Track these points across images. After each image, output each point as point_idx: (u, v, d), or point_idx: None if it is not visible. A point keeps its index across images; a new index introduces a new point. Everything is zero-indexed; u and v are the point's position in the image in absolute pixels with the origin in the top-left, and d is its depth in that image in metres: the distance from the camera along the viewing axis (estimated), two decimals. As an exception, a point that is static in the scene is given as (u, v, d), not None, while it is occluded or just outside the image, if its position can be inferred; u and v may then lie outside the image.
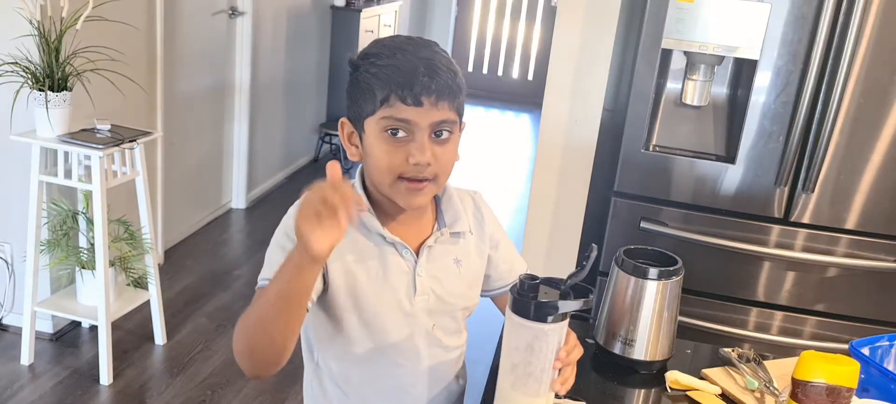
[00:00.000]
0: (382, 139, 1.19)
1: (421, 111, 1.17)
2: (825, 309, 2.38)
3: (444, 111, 1.18)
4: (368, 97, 1.19)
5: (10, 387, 2.76)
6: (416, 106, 1.16)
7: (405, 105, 1.16)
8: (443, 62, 1.19)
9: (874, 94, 2.18)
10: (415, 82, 1.15)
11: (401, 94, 1.16)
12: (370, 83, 1.18)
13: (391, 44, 1.21)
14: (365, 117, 1.20)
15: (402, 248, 1.27)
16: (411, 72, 1.16)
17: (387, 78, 1.17)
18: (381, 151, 1.19)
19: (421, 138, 1.18)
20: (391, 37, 1.24)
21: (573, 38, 2.58)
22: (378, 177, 1.22)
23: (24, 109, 2.67)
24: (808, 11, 2.13)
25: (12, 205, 2.94)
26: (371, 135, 1.20)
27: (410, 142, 1.18)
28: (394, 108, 1.17)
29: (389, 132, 1.18)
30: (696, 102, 2.27)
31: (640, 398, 1.52)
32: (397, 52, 1.18)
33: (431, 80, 1.16)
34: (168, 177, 3.76)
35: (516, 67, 8.49)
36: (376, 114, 1.18)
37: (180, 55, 3.74)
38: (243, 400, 2.84)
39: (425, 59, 1.18)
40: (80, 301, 2.91)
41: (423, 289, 1.29)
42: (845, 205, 2.28)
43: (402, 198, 1.22)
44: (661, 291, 1.50)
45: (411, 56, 1.18)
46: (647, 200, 2.35)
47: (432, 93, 1.16)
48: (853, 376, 1.29)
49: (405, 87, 1.16)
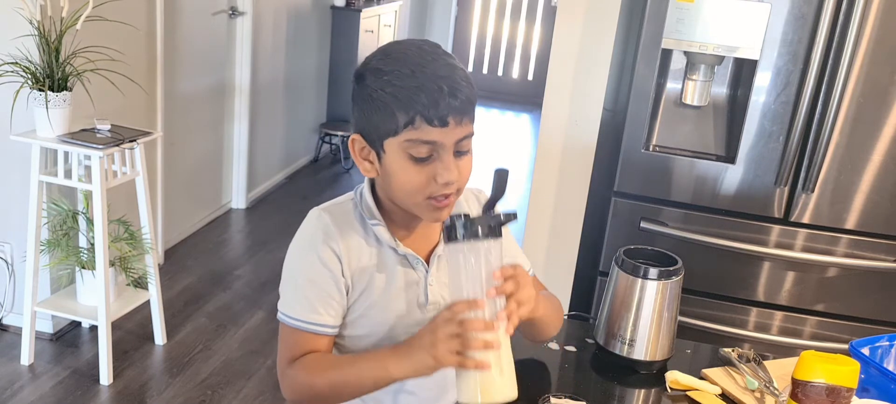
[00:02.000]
0: (407, 161, 1.18)
1: (446, 131, 1.15)
2: (825, 309, 2.38)
3: (467, 127, 1.18)
4: (388, 117, 1.16)
5: (10, 387, 2.76)
6: (443, 127, 1.15)
7: (431, 127, 1.14)
8: (462, 77, 1.17)
9: (874, 94, 2.18)
10: (440, 104, 1.13)
11: (427, 116, 1.14)
12: (388, 103, 1.15)
13: (405, 58, 1.17)
14: (385, 138, 1.18)
15: (414, 260, 1.28)
16: (436, 92, 1.13)
17: (409, 100, 1.14)
18: (407, 174, 1.18)
19: (447, 158, 1.17)
20: (400, 47, 1.20)
21: (573, 38, 2.58)
22: (403, 198, 1.22)
23: (24, 109, 2.67)
24: (808, 11, 2.13)
25: (12, 205, 2.94)
26: (393, 157, 1.19)
27: (436, 161, 1.17)
28: (420, 131, 1.15)
29: (414, 156, 1.17)
30: (696, 102, 2.27)
31: (640, 398, 1.52)
32: (416, 70, 1.15)
33: (455, 99, 1.14)
34: (168, 177, 3.76)
35: (516, 67, 8.49)
36: (400, 136, 1.16)
37: (180, 55, 3.74)
38: (243, 400, 2.84)
39: (446, 78, 1.15)
40: (80, 301, 2.91)
41: (434, 298, 1.30)
42: (845, 205, 2.28)
43: (428, 214, 1.23)
44: (661, 291, 1.50)
45: (431, 74, 1.15)
46: (647, 200, 2.35)
47: (457, 112, 1.15)
48: (853, 376, 1.29)
49: (431, 109, 1.13)
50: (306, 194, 5.02)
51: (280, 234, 4.31)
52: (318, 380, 1.23)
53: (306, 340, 1.26)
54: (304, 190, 5.11)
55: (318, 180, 5.35)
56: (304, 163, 5.54)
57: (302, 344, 1.26)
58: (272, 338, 3.25)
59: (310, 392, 1.24)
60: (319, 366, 1.24)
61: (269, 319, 3.40)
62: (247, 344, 3.20)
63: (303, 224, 1.29)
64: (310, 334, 1.25)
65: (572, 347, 1.61)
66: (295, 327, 1.26)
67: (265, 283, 3.71)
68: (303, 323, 1.25)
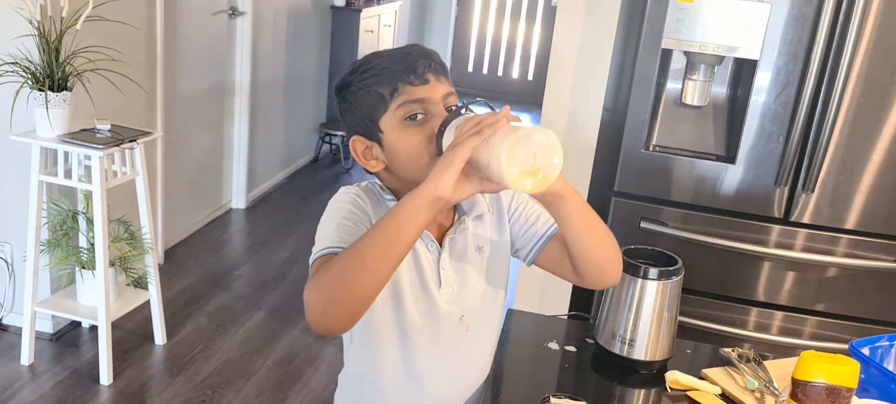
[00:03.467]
0: (405, 128, 1.22)
1: (430, 87, 1.22)
2: (825, 309, 2.38)
3: (447, 85, 1.25)
4: (375, 100, 1.24)
5: (10, 387, 2.76)
6: (425, 84, 1.22)
7: (415, 86, 1.22)
8: (427, 48, 1.28)
9: (874, 94, 2.18)
10: (417, 65, 1.22)
11: (407, 78, 1.22)
12: (371, 87, 1.24)
13: (373, 54, 1.28)
14: (378, 119, 1.24)
15: (428, 240, 1.30)
16: (409, 58, 1.23)
17: (388, 74, 1.23)
18: (409, 139, 1.22)
19: (440, 112, 1.22)
20: (364, 57, 1.30)
21: (573, 38, 2.58)
22: (412, 166, 1.22)
23: (24, 109, 2.67)
24: (808, 11, 2.13)
25: (12, 205, 2.94)
26: (391, 131, 1.23)
27: (432, 118, 1.22)
28: (406, 93, 1.22)
29: (409, 118, 1.22)
30: (697, 102, 2.27)
31: (640, 398, 1.52)
32: (385, 54, 1.26)
33: (428, 59, 1.23)
34: (168, 177, 3.76)
35: (516, 67, 8.49)
36: (390, 108, 1.23)
37: (180, 55, 3.74)
38: (243, 400, 2.84)
39: (414, 47, 1.26)
40: (80, 301, 2.91)
41: (447, 280, 1.31)
42: (845, 205, 2.28)
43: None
44: (661, 291, 1.50)
45: (397, 51, 1.26)
46: (647, 200, 2.35)
47: (433, 69, 1.23)
48: (853, 376, 1.29)
49: (409, 71, 1.22)
50: (306, 194, 5.02)
51: (280, 234, 4.31)
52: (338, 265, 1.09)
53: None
54: (304, 190, 5.11)
55: (318, 180, 5.35)
56: (304, 162, 5.54)
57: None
58: (272, 338, 3.25)
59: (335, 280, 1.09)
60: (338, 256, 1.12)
61: (269, 319, 3.40)
62: (247, 344, 3.20)
63: (335, 196, 1.29)
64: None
65: (572, 347, 1.61)
66: (330, 252, 1.16)
67: (265, 283, 3.71)
68: (338, 248, 1.16)
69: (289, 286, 3.69)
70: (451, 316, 1.32)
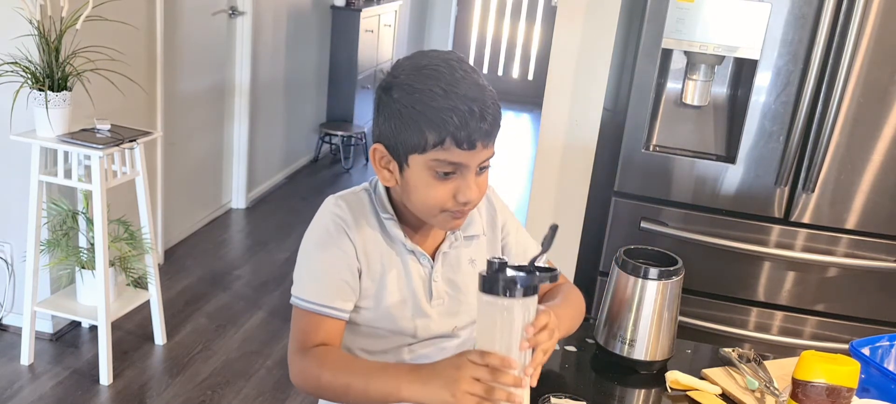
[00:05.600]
0: (431, 177, 1.20)
1: (473, 154, 1.18)
2: (825, 309, 2.38)
3: (491, 148, 1.20)
4: (416, 134, 1.17)
5: (10, 387, 2.76)
6: (470, 150, 1.17)
7: (460, 150, 1.16)
8: (490, 99, 1.18)
9: (874, 94, 2.18)
10: (470, 126, 1.15)
11: (457, 138, 1.15)
12: (418, 121, 1.16)
13: (437, 76, 1.17)
14: (410, 153, 1.20)
15: (420, 256, 1.31)
16: (467, 115, 1.15)
17: (441, 121, 1.15)
18: (428, 190, 1.21)
19: (469, 178, 1.20)
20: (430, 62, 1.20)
21: (573, 38, 2.58)
22: (420, 209, 1.24)
23: (24, 109, 2.67)
24: (808, 11, 2.13)
25: (12, 205, 2.94)
26: (417, 172, 1.21)
27: (458, 179, 1.20)
28: (448, 152, 1.17)
29: (439, 172, 1.19)
30: (697, 102, 2.27)
31: (640, 398, 1.52)
32: (448, 90, 1.15)
33: (484, 122, 1.16)
34: (168, 177, 3.76)
35: (516, 67, 8.49)
36: (426, 154, 1.18)
37: (180, 55, 3.74)
38: (243, 400, 2.84)
39: (477, 100, 1.16)
40: (79, 301, 2.91)
41: (438, 293, 1.32)
42: (845, 205, 2.28)
43: (443, 224, 1.27)
44: (661, 291, 1.50)
45: (462, 95, 1.15)
46: (647, 200, 2.35)
47: (485, 135, 1.17)
48: (853, 376, 1.29)
49: (461, 131, 1.15)
50: (306, 194, 5.02)
51: (280, 234, 4.31)
52: (326, 376, 1.22)
53: (319, 323, 1.27)
54: (303, 190, 5.11)
55: (318, 180, 5.35)
56: (304, 162, 5.54)
57: (314, 327, 1.27)
58: (272, 338, 3.25)
59: (316, 384, 1.24)
60: (332, 363, 1.24)
61: (269, 319, 3.40)
62: (247, 344, 3.20)
63: (319, 211, 1.31)
64: (323, 317, 1.27)
65: (572, 347, 1.61)
66: (308, 310, 1.27)
67: (265, 283, 3.71)
68: (317, 306, 1.26)
69: (289, 286, 3.65)
70: (442, 328, 1.34)
